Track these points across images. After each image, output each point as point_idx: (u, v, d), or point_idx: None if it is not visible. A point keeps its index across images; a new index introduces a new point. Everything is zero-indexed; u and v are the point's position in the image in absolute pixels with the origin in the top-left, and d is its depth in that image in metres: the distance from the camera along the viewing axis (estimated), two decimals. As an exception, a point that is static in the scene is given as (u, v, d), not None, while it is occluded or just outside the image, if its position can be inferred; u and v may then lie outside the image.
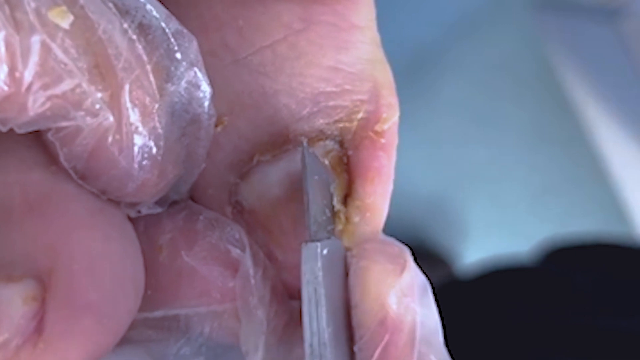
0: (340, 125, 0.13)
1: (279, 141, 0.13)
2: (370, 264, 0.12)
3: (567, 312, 0.39)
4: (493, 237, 0.87)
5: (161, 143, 0.11)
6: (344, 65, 0.13)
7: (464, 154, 0.87)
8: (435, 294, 0.14)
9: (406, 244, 0.14)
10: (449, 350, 0.13)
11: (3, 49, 0.09)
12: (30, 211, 0.10)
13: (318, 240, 0.12)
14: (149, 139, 0.11)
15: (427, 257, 0.82)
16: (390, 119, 0.14)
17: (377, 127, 0.13)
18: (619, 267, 0.43)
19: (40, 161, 0.11)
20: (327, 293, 0.12)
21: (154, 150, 0.11)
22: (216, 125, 0.13)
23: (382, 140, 0.13)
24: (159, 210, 0.12)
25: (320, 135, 0.13)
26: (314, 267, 0.12)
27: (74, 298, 0.10)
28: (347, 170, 0.14)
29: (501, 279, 0.45)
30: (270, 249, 0.13)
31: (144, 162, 0.11)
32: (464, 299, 0.44)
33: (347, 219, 0.13)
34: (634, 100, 0.87)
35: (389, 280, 0.12)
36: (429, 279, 0.14)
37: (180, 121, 0.11)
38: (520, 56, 0.90)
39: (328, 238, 0.13)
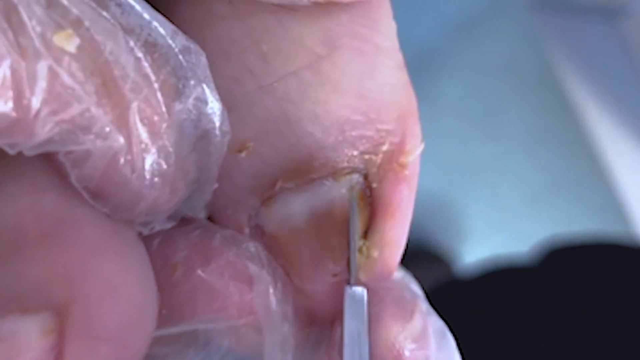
0: (366, 157, 0.13)
1: (304, 169, 0.13)
2: (380, 309, 0.13)
3: (567, 313, 0.39)
4: (493, 236, 0.87)
5: (171, 161, 0.11)
6: (369, 92, 0.13)
7: (464, 154, 0.87)
8: (435, 294, 0.14)
9: (406, 244, 0.14)
10: None
11: (9, 75, 0.09)
12: (44, 238, 0.10)
13: (361, 285, 0.12)
14: (159, 157, 0.10)
15: (427, 257, 0.82)
16: (415, 151, 0.13)
17: (402, 160, 0.13)
18: (619, 267, 0.43)
19: (52, 184, 0.11)
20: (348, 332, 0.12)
21: (165, 167, 0.11)
22: (240, 151, 0.13)
23: (406, 172, 0.13)
24: (171, 224, 0.12)
25: (346, 169, 0.13)
26: (360, 311, 0.12)
27: (92, 328, 0.10)
28: (370, 203, 0.13)
29: (501, 278, 0.45)
30: (288, 275, 0.13)
31: (155, 180, 0.11)
32: (463, 299, 0.44)
33: (367, 253, 0.13)
34: (634, 100, 0.87)
35: (398, 325, 0.12)
36: (429, 279, 0.14)
37: (190, 137, 0.11)
38: (521, 56, 0.90)
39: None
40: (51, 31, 0.09)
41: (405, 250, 0.14)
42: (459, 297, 0.44)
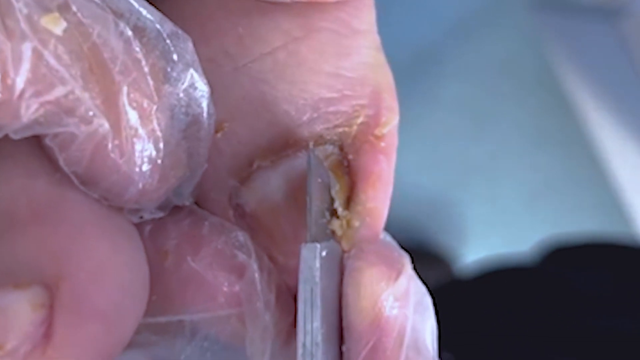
0: (340, 130, 0.13)
1: (279, 146, 0.13)
2: (366, 265, 0.13)
3: (567, 313, 0.39)
4: (493, 236, 0.87)
5: (161, 146, 0.11)
6: (344, 71, 0.13)
7: (464, 154, 0.87)
8: (434, 294, 0.14)
9: (406, 244, 0.14)
10: (450, 351, 0.13)
11: None
12: (36, 218, 0.10)
13: (317, 242, 0.12)
14: (149, 142, 0.11)
15: (427, 257, 0.82)
16: (390, 123, 0.14)
17: (377, 131, 0.13)
18: (619, 267, 0.43)
19: (45, 168, 0.11)
20: (322, 294, 0.12)
21: (154, 153, 0.11)
22: (216, 131, 0.13)
23: (382, 144, 0.13)
24: (161, 214, 0.12)
25: (319, 140, 0.13)
26: (312, 267, 0.12)
27: (81, 305, 0.10)
28: (349, 174, 0.14)
29: (501, 279, 0.45)
30: (272, 253, 0.13)
31: (145, 166, 0.11)
32: (463, 299, 0.44)
33: (348, 223, 0.13)
34: (634, 100, 0.87)
35: (383, 282, 0.12)
36: (429, 279, 0.14)
37: (180, 124, 0.11)
38: (521, 56, 0.90)
39: (327, 240, 0.13)
40: (38, 14, 0.09)
41: (405, 250, 0.14)
42: (459, 297, 0.44)
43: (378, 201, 0.13)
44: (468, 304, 0.43)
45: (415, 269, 0.13)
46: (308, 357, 0.12)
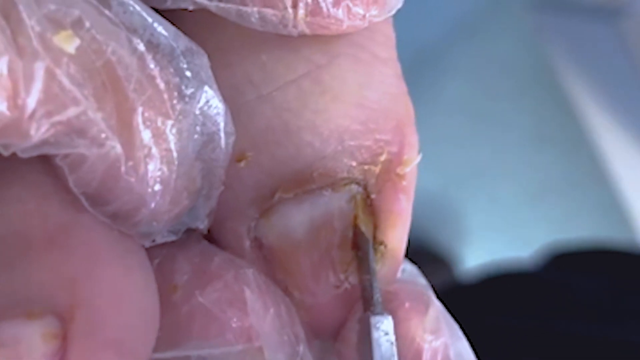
0: (365, 167, 0.13)
1: (303, 179, 0.13)
2: (397, 308, 0.13)
3: (569, 318, 0.39)
4: (493, 237, 0.87)
5: (174, 167, 0.10)
6: (368, 102, 0.13)
7: (464, 154, 0.87)
8: (437, 299, 0.14)
9: (406, 245, 0.14)
10: None
11: (6, 74, 0.08)
12: (50, 243, 0.10)
13: (383, 314, 0.13)
14: (162, 162, 0.10)
15: (427, 258, 0.82)
16: (412, 161, 0.13)
17: (399, 170, 0.13)
18: (621, 273, 0.43)
19: (57, 189, 0.10)
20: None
21: (167, 174, 0.10)
22: (239, 160, 0.12)
23: (404, 183, 0.13)
24: (173, 238, 0.12)
25: (345, 180, 0.13)
26: (390, 340, 0.12)
27: (96, 334, 0.10)
28: (372, 214, 0.13)
29: (502, 284, 0.45)
30: (288, 288, 0.13)
31: (157, 187, 0.10)
32: (464, 304, 0.44)
33: None
34: (634, 100, 0.87)
35: (416, 318, 0.12)
36: (429, 280, 0.14)
37: (195, 143, 0.11)
38: (520, 56, 0.90)
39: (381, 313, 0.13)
40: (51, 31, 0.09)
41: (405, 251, 0.14)
42: (461, 303, 0.44)
43: (398, 241, 0.13)
44: (469, 309, 0.43)
45: None
46: None
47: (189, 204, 0.11)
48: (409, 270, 0.14)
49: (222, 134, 0.11)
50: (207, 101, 0.11)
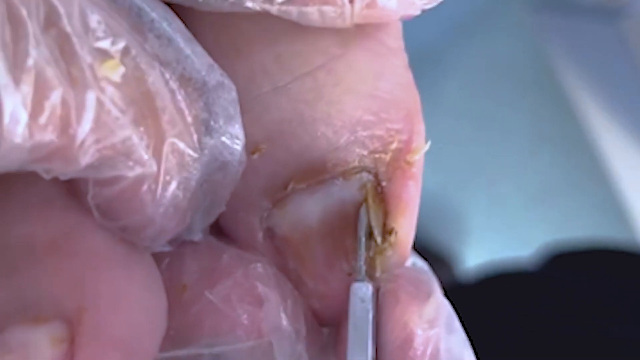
0: (376, 156, 0.13)
1: (316, 170, 0.13)
2: (396, 288, 0.13)
3: (569, 318, 0.39)
4: (493, 236, 0.87)
5: (188, 194, 0.11)
6: (380, 92, 0.13)
7: (464, 154, 0.87)
8: None
9: None
10: None
11: (59, 105, 0.09)
12: (54, 248, 0.10)
13: (367, 279, 0.13)
14: (179, 188, 0.11)
15: (427, 257, 0.82)
16: (421, 148, 0.14)
17: (409, 157, 0.13)
18: (621, 273, 0.43)
19: (60, 193, 0.11)
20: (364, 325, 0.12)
21: (181, 200, 0.11)
22: (253, 152, 0.13)
23: (413, 170, 0.13)
24: (168, 249, 0.12)
25: (356, 168, 0.13)
26: (366, 307, 0.12)
27: (102, 336, 0.10)
28: (382, 201, 0.14)
29: (502, 284, 0.45)
30: (301, 277, 0.13)
31: (169, 211, 0.11)
32: (465, 304, 0.44)
33: (382, 252, 0.14)
34: (634, 100, 0.87)
35: (413, 305, 0.12)
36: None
37: (209, 169, 0.11)
38: (521, 56, 0.89)
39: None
40: (99, 60, 0.09)
41: None
42: (461, 302, 0.44)
43: (407, 228, 0.14)
44: (470, 309, 0.43)
45: None
46: None
47: (190, 222, 0.12)
48: (420, 265, 0.15)
49: (235, 164, 0.11)
50: (231, 135, 0.11)
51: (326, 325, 0.14)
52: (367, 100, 0.13)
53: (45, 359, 0.09)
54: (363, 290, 0.12)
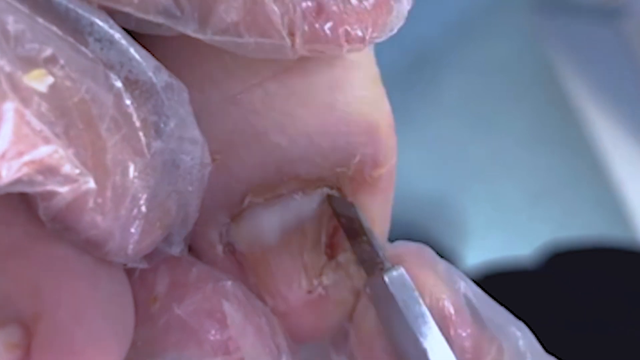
0: (338, 170, 0.13)
1: (273, 183, 0.13)
2: (405, 265, 0.13)
3: (569, 317, 0.39)
4: (493, 237, 0.86)
5: (147, 203, 0.10)
6: (339, 104, 0.12)
7: (464, 154, 0.87)
8: None
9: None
10: None
11: None
12: (14, 252, 0.10)
13: (393, 268, 0.12)
14: (136, 199, 0.10)
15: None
16: (388, 162, 0.13)
17: (375, 172, 0.13)
18: (621, 272, 0.43)
19: (25, 203, 0.10)
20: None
21: (141, 210, 0.10)
22: None
23: (380, 185, 0.13)
24: (145, 265, 0.12)
25: (317, 183, 0.13)
26: (411, 293, 0.12)
27: (59, 344, 0.09)
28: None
29: (502, 282, 0.45)
30: (260, 294, 0.13)
31: (128, 222, 0.10)
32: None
33: (347, 267, 0.13)
34: (634, 100, 0.87)
35: (430, 270, 0.13)
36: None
37: (171, 177, 0.11)
38: (520, 56, 0.89)
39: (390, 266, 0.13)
40: (22, 70, 0.09)
41: None
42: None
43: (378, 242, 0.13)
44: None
45: None
46: None
47: (163, 234, 0.11)
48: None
49: (198, 167, 0.11)
50: (185, 137, 0.10)
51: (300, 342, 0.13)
52: (324, 112, 0.12)
53: None
54: (398, 277, 0.12)
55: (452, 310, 0.12)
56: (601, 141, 0.86)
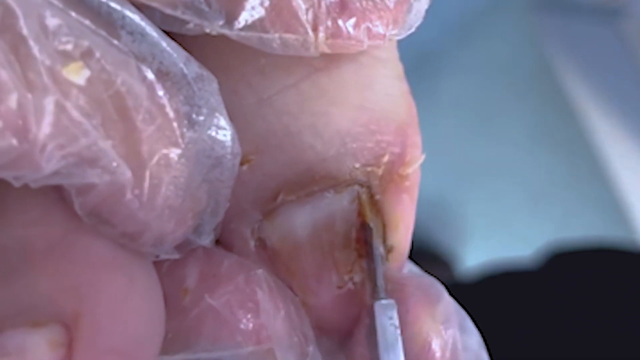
0: (368, 169, 0.13)
1: (305, 181, 0.13)
2: (406, 298, 0.13)
3: (569, 317, 0.39)
4: (493, 236, 0.87)
5: (181, 193, 0.10)
6: (368, 104, 0.13)
7: (464, 154, 0.87)
8: None
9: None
10: None
11: (16, 110, 0.08)
12: (53, 252, 0.10)
13: (386, 299, 0.13)
14: (169, 190, 0.10)
15: (427, 257, 0.82)
16: (416, 161, 0.13)
17: (402, 171, 0.13)
18: (621, 272, 0.43)
19: (60, 197, 0.10)
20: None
21: (175, 200, 0.10)
22: (242, 164, 0.12)
23: (407, 183, 0.13)
24: (177, 256, 0.12)
25: (348, 181, 0.13)
26: (394, 323, 0.12)
27: (99, 342, 0.10)
28: (380, 212, 0.14)
29: (503, 283, 0.45)
30: (291, 289, 0.13)
31: (162, 213, 0.10)
32: (464, 303, 0.44)
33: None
34: (634, 100, 0.87)
35: (426, 311, 0.13)
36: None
37: (202, 167, 0.11)
38: (520, 56, 0.89)
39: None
40: (60, 64, 0.09)
41: None
42: (461, 301, 0.44)
43: (401, 242, 0.13)
44: (469, 308, 0.43)
45: None
46: None
47: (194, 224, 0.11)
48: (415, 271, 0.15)
49: (229, 157, 0.11)
50: (217, 127, 0.11)
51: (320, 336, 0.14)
52: (354, 111, 0.13)
53: None
54: (388, 308, 0.12)
55: (430, 349, 0.12)
56: (601, 141, 0.86)
